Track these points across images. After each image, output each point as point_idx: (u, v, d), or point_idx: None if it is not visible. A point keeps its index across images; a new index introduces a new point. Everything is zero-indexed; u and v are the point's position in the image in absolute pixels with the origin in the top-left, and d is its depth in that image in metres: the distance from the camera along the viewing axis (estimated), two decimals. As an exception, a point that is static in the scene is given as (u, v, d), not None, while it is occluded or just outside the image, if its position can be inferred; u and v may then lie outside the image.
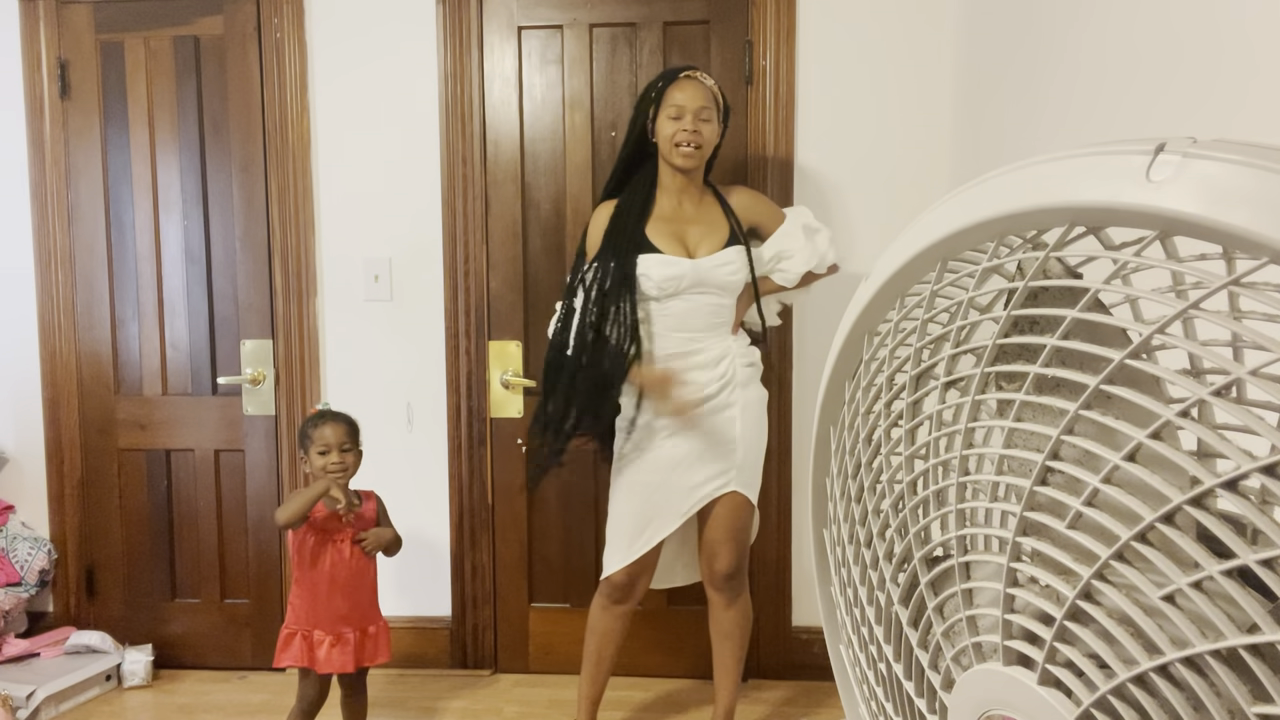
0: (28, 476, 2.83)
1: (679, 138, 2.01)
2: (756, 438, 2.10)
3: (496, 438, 2.70)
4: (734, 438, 2.05)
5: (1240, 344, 0.59)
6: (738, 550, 2.11)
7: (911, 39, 2.51)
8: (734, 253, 2.06)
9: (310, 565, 2.06)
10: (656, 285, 2.02)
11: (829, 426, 0.94)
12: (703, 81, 2.04)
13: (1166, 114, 1.35)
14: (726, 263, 2.04)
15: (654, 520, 2.06)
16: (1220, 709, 0.50)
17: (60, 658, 2.64)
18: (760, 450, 2.12)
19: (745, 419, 2.06)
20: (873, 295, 0.80)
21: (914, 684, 0.82)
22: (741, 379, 2.07)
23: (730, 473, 2.06)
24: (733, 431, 2.05)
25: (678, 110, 2.01)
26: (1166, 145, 0.50)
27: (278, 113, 2.65)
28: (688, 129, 2.00)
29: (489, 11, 2.60)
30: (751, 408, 2.09)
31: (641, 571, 2.11)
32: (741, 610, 2.17)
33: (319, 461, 2.04)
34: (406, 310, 2.69)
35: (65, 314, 2.76)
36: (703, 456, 2.04)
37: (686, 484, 2.05)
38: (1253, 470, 0.47)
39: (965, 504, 0.71)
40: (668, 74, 2.06)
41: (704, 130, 2.02)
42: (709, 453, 2.05)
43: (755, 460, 2.11)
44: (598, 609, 2.16)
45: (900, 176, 2.54)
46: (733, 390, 2.06)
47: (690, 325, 2.05)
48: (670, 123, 2.02)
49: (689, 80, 2.03)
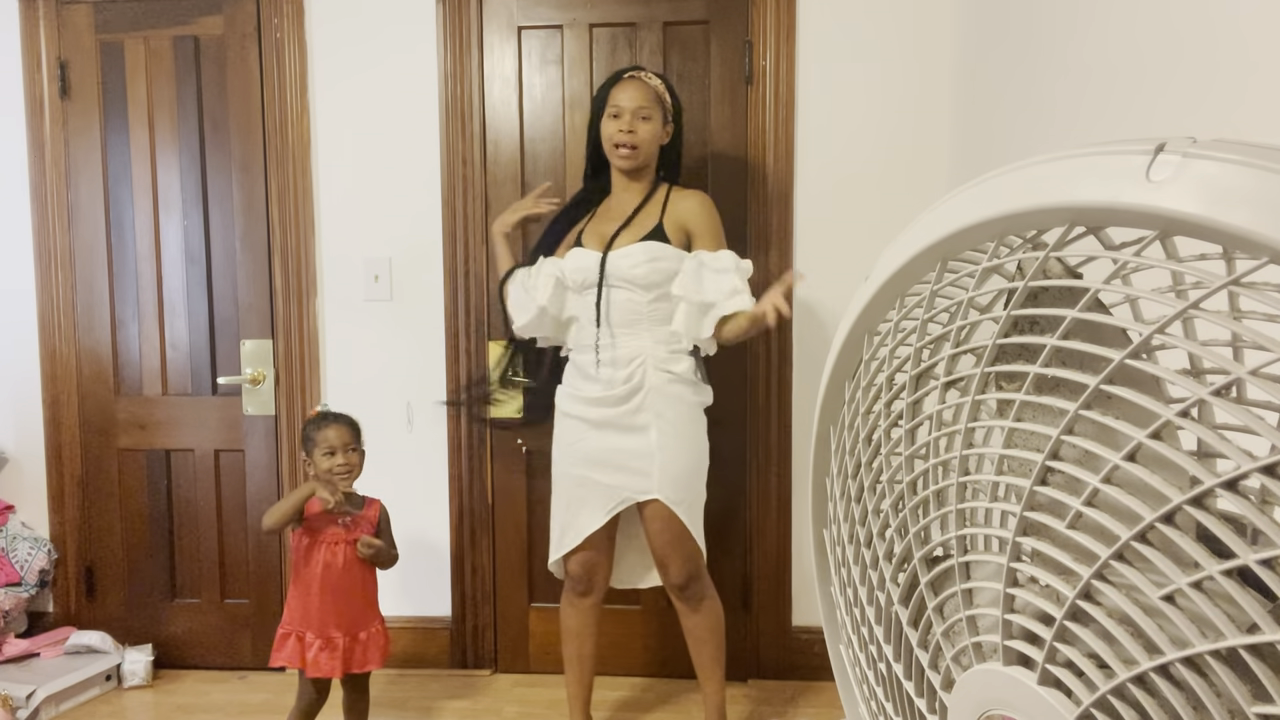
0: (28, 476, 2.83)
1: (616, 138, 2.03)
2: (679, 450, 2.02)
3: (496, 438, 2.70)
4: (649, 449, 2.00)
5: (1240, 344, 0.59)
6: (683, 560, 2.05)
7: (911, 38, 2.51)
8: (642, 248, 2.01)
9: (304, 565, 2.06)
10: (568, 275, 2.09)
11: (829, 426, 0.94)
12: (645, 81, 2.04)
13: (1167, 114, 1.35)
14: (628, 255, 2.01)
15: (580, 513, 2.07)
16: (1220, 709, 0.50)
17: (60, 658, 2.64)
18: (687, 464, 2.04)
19: (661, 429, 2.00)
20: (873, 295, 0.80)
21: (914, 684, 0.82)
22: (654, 384, 2.01)
23: (649, 484, 2.00)
24: (647, 441, 2.00)
25: (617, 109, 2.02)
26: (1166, 145, 0.50)
27: (278, 113, 2.65)
28: (624, 128, 2.01)
29: (489, 12, 2.60)
30: (669, 419, 2.01)
31: (595, 564, 2.12)
32: (707, 615, 2.12)
33: (324, 464, 2.03)
34: (406, 310, 2.69)
35: (65, 314, 2.76)
36: (616, 459, 2.02)
37: (605, 482, 2.04)
38: (1253, 470, 0.47)
39: (965, 504, 0.71)
40: (613, 76, 2.08)
41: (641, 129, 2.01)
42: (622, 458, 2.02)
43: (680, 473, 2.02)
44: (565, 606, 2.19)
45: (900, 176, 2.54)
46: (644, 396, 2.00)
47: (608, 319, 2.04)
48: (610, 123, 2.04)
49: (630, 80, 2.04)
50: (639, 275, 2.01)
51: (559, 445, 2.15)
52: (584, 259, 2.07)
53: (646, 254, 2.01)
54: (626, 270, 2.01)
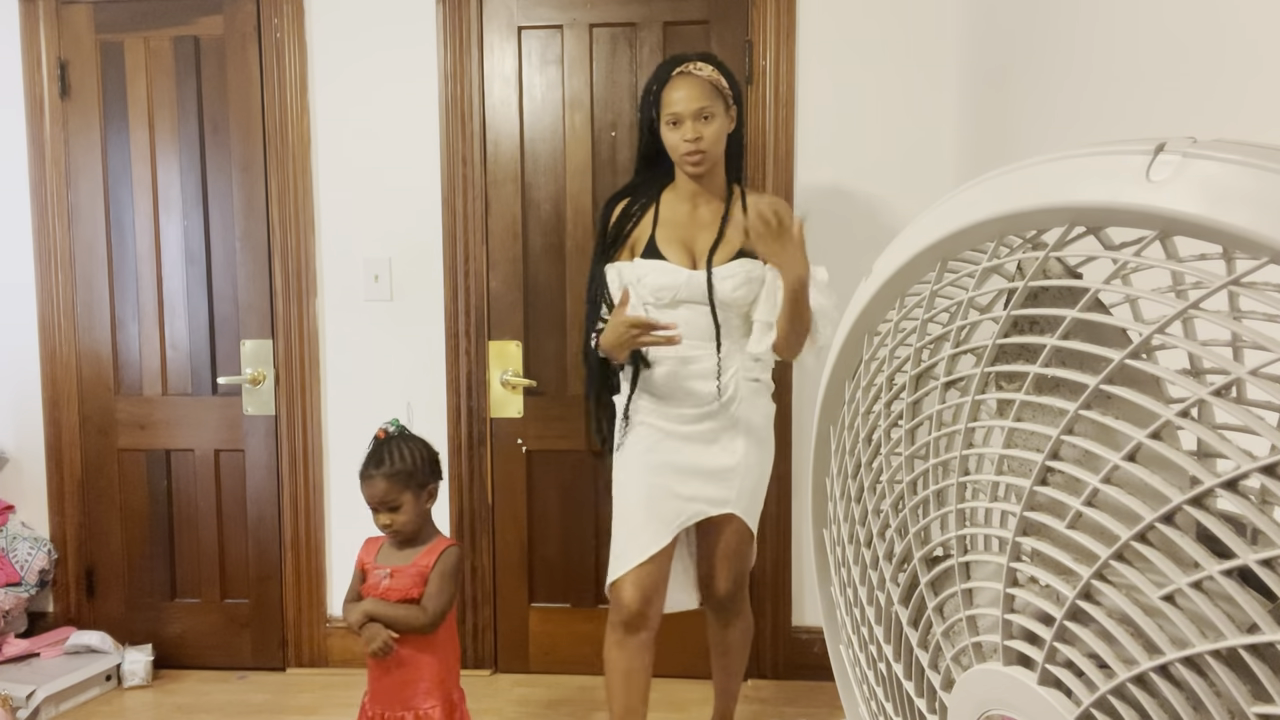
0: (28, 476, 2.83)
1: (681, 149, 1.88)
2: (758, 462, 1.95)
3: (496, 438, 2.70)
4: (732, 464, 1.91)
5: (1240, 344, 0.59)
6: (736, 573, 2.00)
7: (912, 38, 2.51)
8: (741, 270, 1.89)
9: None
10: (651, 293, 1.91)
11: (829, 426, 0.94)
12: (697, 75, 1.87)
13: (1168, 114, 1.35)
14: (730, 276, 1.88)
15: (645, 529, 1.90)
16: (1220, 709, 0.50)
17: (60, 658, 2.64)
18: (762, 475, 1.98)
19: (747, 441, 1.92)
20: (873, 295, 0.81)
21: (914, 684, 0.82)
22: (745, 394, 1.92)
23: (729, 495, 1.92)
24: (733, 453, 1.92)
25: (675, 117, 1.87)
26: (1166, 145, 0.50)
27: (278, 113, 2.65)
28: (689, 138, 1.85)
29: (489, 12, 2.60)
30: (754, 430, 1.94)
31: (652, 590, 1.91)
32: (740, 629, 2.09)
33: (374, 518, 1.81)
34: (406, 310, 2.69)
35: (65, 314, 2.76)
36: (699, 471, 1.91)
37: (683, 493, 1.90)
38: (1253, 470, 0.47)
39: (965, 504, 0.71)
40: (660, 72, 1.91)
41: (706, 133, 1.86)
42: (706, 469, 1.91)
43: (755, 486, 1.96)
44: (613, 647, 1.93)
45: (901, 176, 2.53)
46: (736, 405, 1.91)
47: (693, 333, 1.89)
48: (671, 131, 1.89)
49: (682, 78, 1.87)
50: (738, 297, 1.89)
51: (632, 454, 1.95)
52: (669, 276, 1.89)
53: (745, 275, 1.89)
54: (728, 293, 1.88)
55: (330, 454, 2.75)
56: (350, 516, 2.75)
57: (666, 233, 1.94)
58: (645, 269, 1.92)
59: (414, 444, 1.85)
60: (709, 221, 1.95)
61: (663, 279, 1.90)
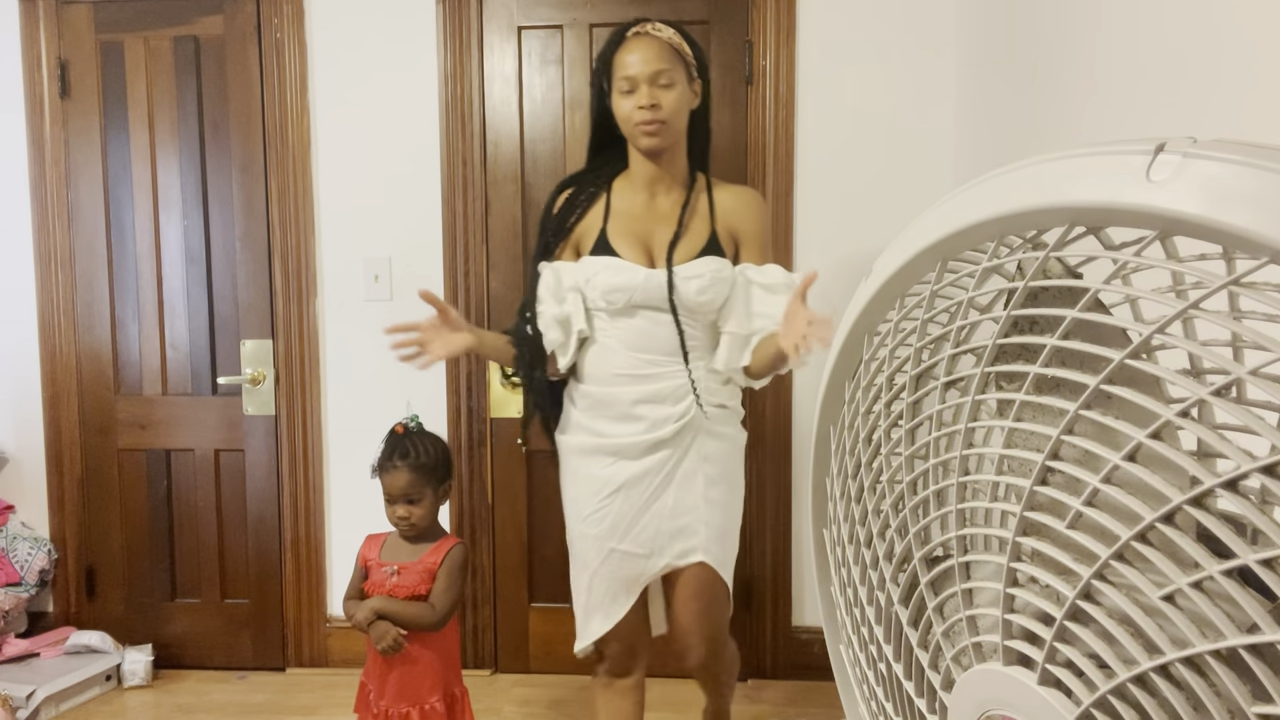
0: (28, 476, 2.83)
1: (635, 117, 1.57)
2: (727, 499, 1.68)
3: (496, 438, 2.70)
4: (695, 500, 1.65)
5: (1240, 344, 0.59)
6: (709, 635, 1.71)
7: (913, 38, 2.51)
8: (708, 268, 1.61)
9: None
10: (602, 296, 1.62)
11: (829, 426, 0.94)
12: (656, 36, 1.58)
13: (1170, 114, 1.35)
14: (696, 276, 1.60)
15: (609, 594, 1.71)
16: (1220, 709, 0.50)
17: (60, 658, 2.64)
18: (732, 515, 1.71)
19: (709, 475, 1.65)
20: (873, 295, 0.81)
21: (914, 684, 0.82)
22: (710, 420, 1.65)
23: (694, 543, 1.66)
24: (693, 491, 1.65)
25: (629, 83, 1.57)
26: (1166, 145, 0.50)
27: (278, 113, 2.65)
28: (643, 104, 1.56)
29: (489, 12, 2.60)
30: (720, 461, 1.67)
31: (634, 641, 1.75)
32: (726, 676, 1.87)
33: (387, 511, 1.78)
34: (406, 310, 2.69)
35: (65, 314, 2.76)
36: (657, 514, 1.65)
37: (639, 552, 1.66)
38: (1253, 470, 0.47)
39: (965, 504, 0.71)
40: (615, 34, 1.63)
41: (664, 99, 1.56)
42: (664, 511, 1.65)
43: (725, 526, 1.68)
44: (601, 689, 1.79)
45: (901, 176, 2.54)
46: (694, 437, 1.64)
47: (652, 346, 1.63)
48: (624, 99, 1.59)
49: (638, 39, 1.58)
50: (705, 301, 1.61)
51: (577, 505, 1.71)
52: (624, 275, 1.61)
53: (713, 275, 1.61)
54: (693, 296, 1.60)
55: (330, 454, 2.75)
56: (350, 516, 2.75)
57: (619, 225, 1.66)
58: (595, 267, 1.63)
59: (434, 440, 1.84)
60: (668, 213, 1.66)
61: (616, 279, 1.61)
